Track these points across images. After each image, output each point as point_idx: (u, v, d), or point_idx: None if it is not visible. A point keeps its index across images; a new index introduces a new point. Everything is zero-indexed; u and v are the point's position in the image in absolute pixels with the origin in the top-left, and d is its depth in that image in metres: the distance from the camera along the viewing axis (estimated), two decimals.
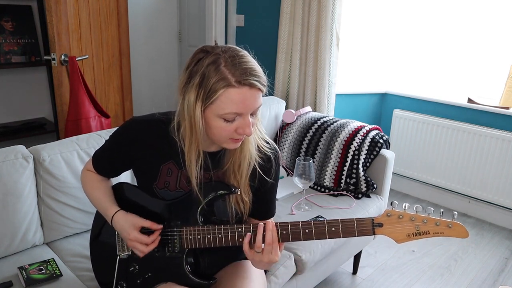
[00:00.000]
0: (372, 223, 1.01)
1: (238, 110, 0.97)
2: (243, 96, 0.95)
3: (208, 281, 1.13)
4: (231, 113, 0.97)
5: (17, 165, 1.41)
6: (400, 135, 3.04)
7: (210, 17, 3.09)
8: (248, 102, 0.97)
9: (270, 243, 1.03)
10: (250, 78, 0.95)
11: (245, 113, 0.98)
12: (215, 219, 1.17)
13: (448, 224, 0.97)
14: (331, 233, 1.02)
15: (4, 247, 1.42)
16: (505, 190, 2.63)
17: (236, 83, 0.94)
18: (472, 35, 2.82)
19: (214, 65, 0.95)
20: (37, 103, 2.85)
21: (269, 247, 1.03)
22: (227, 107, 0.96)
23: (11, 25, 2.57)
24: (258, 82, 0.97)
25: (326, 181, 2.08)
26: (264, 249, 1.03)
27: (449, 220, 0.98)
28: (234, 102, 0.95)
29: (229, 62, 0.95)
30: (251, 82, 0.95)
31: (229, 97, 0.95)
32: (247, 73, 0.95)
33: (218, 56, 0.96)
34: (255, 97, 0.98)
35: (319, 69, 2.58)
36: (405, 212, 1.00)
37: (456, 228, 0.97)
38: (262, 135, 1.16)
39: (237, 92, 0.95)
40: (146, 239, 1.08)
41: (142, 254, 1.10)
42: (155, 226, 1.10)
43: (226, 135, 1.01)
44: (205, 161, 1.12)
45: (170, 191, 1.15)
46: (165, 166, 1.13)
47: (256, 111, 1.02)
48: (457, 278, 2.18)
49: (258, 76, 0.97)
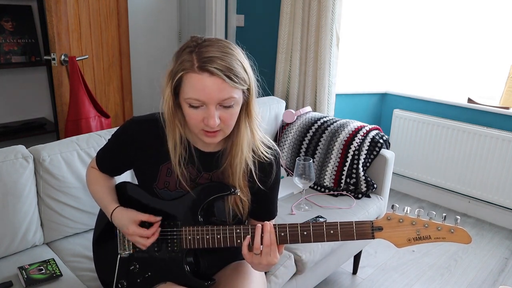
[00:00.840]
0: (372, 227, 0.99)
1: (199, 97, 0.95)
2: (202, 83, 0.94)
3: (207, 282, 1.13)
4: (193, 99, 0.96)
5: (17, 165, 1.41)
6: (400, 135, 3.04)
7: (210, 17, 3.09)
8: (209, 90, 0.94)
9: (268, 245, 1.02)
10: (211, 65, 0.93)
11: (208, 102, 0.96)
12: (215, 220, 1.17)
13: (450, 229, 0.94)
14: (330, 236, 1.01)
15: (4, 247, 1.42)
16: (505, 190, 2.63)
17: (197, 68, 0.94)
18: (472, 35, 2.82)
19: (186, 51, 0.97)
20: (37, 103, 2.85)
21: (267, 249, 1.03)
22: (189, 91, 0.96)
23: (11, 25, 2.57)
24: (221, 72, 0.93)
25: (326, 181, 2.08)
26: (263, 251, 1.03)
27: (451, 225, 0.95)
28: (195, 88, 0.95)
29: (202, 48, 0.96)
30: (210, 69, 0.93)
31: (190, 81, 0.95)
32: (212, 61, 0.94)
33: (195, 43, 0.97)
34: (218, 87, 0.94)
35: (319, 69, 2.58)
36: (406, 216, 0.97)
37: (458, 233, 0.94)
38: (262, 135, 1.15)
39: (197, 78, 0.94)
40: (145, 232, 1.08)
41: (144, 247, 1.10)
42: (153, 218, 1.11)
43: (195, 124, 1.00)
44: (203, 161, 1.12)
45: (170, 191, 1.15)
46: (165, 166, 1.13)
47: (227, 104, 0.98)
48: (457, 278, 2.18)
49: (227, 67, 0.94)
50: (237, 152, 1.09)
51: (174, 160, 1.09)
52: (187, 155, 1.11)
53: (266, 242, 1.02)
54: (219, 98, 0.96)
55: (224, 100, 0.97)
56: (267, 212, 1.24)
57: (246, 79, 1.00)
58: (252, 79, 1.03)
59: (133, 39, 2.91)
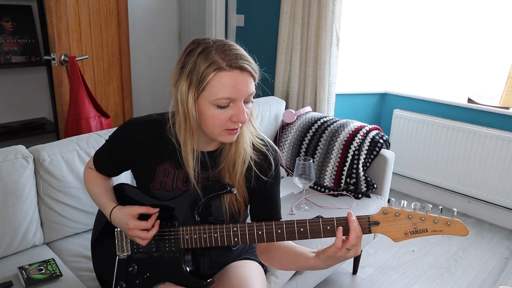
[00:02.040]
0: (368, 221, 0.98)
1: (231, 94, 0.96)
2: (234, 80, 0.95)
3: (205, 281, 1.13)
4: (224, 98, 0.96)
5: (17, 165, 1.41)
6: (400, 135, 3.04)
7: (210, 17, 3.09)
8: (240, 86, 0.96)
9: (360, 236, 0.97)
10: (240, 61, 0.96)
11: (238, 99, 0.97)
12: (213, 219, 1.17)
13: (447, 222, 0.93)
14: (326, 232, 1.00)
15: (4, 247, 1.42)
16: (505, 190, 2.63)
17: (227, 66, 0.95)
18: (472, 34, 2.82)
19: (204, 53, 0.96)
20: (37, 103, 2.85)
21: (359, 240, 0.98)
22: (220, 91, 0.96)
23: (11, 25, 2.57)
24: (249, 66, 0.97)
25: (326, 181, 2.08)
26: (355, 244, 0.98)
27: (448, 218, 0.94)
28: (226, 86, 0.95)
29: (219, 48, 0.96)
30: (241, 65, 0.95)
31: (221, 81, 0.95)
32: (238, 57, 0.96)
33: (208, 44, 0.98)
34: (247, 81, 0.97)
35: (319, 69, 2.58)
36: (402, 210, 0.96)
37: (455, 226, 0.93)
38: (256, 132, 1.15)
39: (228, 76, 0.95)
40: (144, 224, 1.07)
41: (145, 242, 1.08)
42: (151, 210, 1.10)
43: (220, 124, 1.00)
44: (202, 160, 1.11)
45: (167, 192, 1.15)
46: (162, 167, 1.13)
47: (249, 99, 1.01)
48: (457, 278, 2.18)
49: (249, 61, 0.98)
50: (240, 150, 1.09)
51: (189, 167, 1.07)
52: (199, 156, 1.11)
53: (359, 233, 0.97)
54: (248, 92, 0.98)
55: (250, 94, 0.99)
56: (269, 213, 1.22)
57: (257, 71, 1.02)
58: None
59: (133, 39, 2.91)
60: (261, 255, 1.23)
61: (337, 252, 0.98)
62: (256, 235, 1.05)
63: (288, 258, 1.15)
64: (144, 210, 1.10)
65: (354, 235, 0.96)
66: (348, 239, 0.96)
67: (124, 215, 1.10)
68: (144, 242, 1.09)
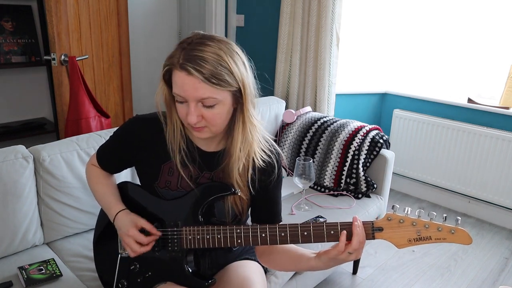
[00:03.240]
0: (372, 227, 0.98)
1: (180, 92, 0.98)
2: (181, 80, 0.96)
3: (207, 281, 1.13)
4: (177, 94, 0.99)
5: (17, 165, 1.41)
6: (400, 135, 3.04)
7: (210, 17, 3.09)
8: (186, 88, 0.96)
9: (363, 241, 0.98)
10: (189, 65, 0.93)
11: (187, 99, 0.98)
12: (216, 220, 1.17)
13: (451, 230, 0.94)
14: (330, 237, 1.00)
15: (4, 247, 1.42)
16: (505, 190, 2.63)
17: (178, 65, 0.96)
18: (472, 34, 2.82)
19: (180, 46, 0.98)
20: (37, 103, 2.85)
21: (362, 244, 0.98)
22: (174, 86, 0.99)
23: (11, 25, 2.57)
24: (199, 72, 0.93)
25: (326, 181, 2.08)
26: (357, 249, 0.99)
27: (452, 226, 0.94)
28: (176, 84, 0.98)
29: (190, 47, 0.96)
30: (188, 68, 0.94)
31: (174, 77, 0.98)
32: (192, 59, 0.94)
33: (191, 41, 0.98)
34: (195, 86, 0.95)
35: (319, 69, 2.58)
36: (406, 217, 0.96)
37: (459, 234, 0.93)
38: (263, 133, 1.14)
39: (177, 75, 0.97)
40: (142, 238, 1.08)
41: (133, 254, 1.09)
42: (154, 230, 1.10)
43: (183, 118, 1.03)
44: (204, 160, 1.12)
45: (172, 191, 1.15)
46: (166, 166, 1.13)
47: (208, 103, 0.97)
48: (457, 278, 2.18)
49: (204, 67, 0.93)
50: (232, 152, 1.09)
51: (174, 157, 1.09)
52: (189, 154, 1.11)
53: (362, 239, 0.98)
54: (197, 96, 0.97)
55: (203, 99, 0.97)
56: (269, 215, 1.22)
57: (231, 81, 0.97)
58: (247, 81, 1.01)
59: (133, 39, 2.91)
60: (260, 256, 1.24)
61: (338, 255, 0.98)
62: (259, 238, 1.05)
63: (289, 260, 1.15)
64: (149, 228, 1.10)
65: (356, 240, 0.97)
66: (351, 243, 0.97)
67: (129, 222, 1.10)
68: (132, 254, 1.09)
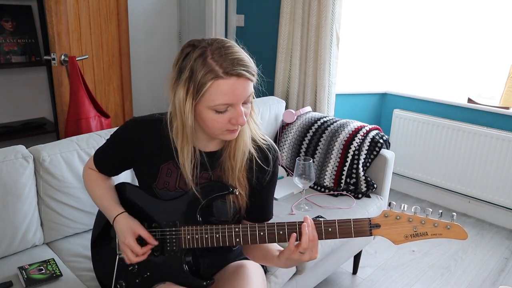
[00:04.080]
0: (369, 224, 1.00)
1: (229, 100, 0.97)
2: (232, 87, 0.96)
3: (206, 281, 1.13)
4: (222, 104, 0.98)
5: (17, 165, 1.41)
6: (400, 135, 3.04)
7: (210, 17, 3.09)
8: (238, 92, 0.97)
9: (313, 240, 1.01)
10: (237, 68, 0.95)
11: (236, 103, 0.99)
12: (214, 220, 1.17)
13: (447, 226, 0.96)
14: (328, 234, 1.02)
15: (4, 247, 1.42)
16: (505, 190, 2.63)
17: (224, 74, 0.95)
18: (472, 34, 2.82)
19: (201, 58, 0.96)
20: (37, 103, 2.85)
21: (312, 244, 1.01)
22: (217, 98, 0.97)
23: (11, 25, 2.57)
24: (246, 71, 0.97)
25: (326, 181, 2.08)
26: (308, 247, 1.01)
27: (447, 221, 0.96)
28: (224, 93, 0.96)
29: (216, 53, 0.96)
30: (238, 72, 0.95)
31: (218, 88, 0.96)
32: (234, 63, 0.96)
33: (205, 49, 0.97)
34: (244, 86, 0.98)
35: (319, 69, 2.58)
36: (403, 213, 0.99)
37: (454, 230, 0.96)
38: (259, 130, 1.16)
39: (226, 83, 0.95)
40: (138, 249, 1.09)
41: (128, 262, 1.12)
42: (151, 240, 1.11)
43: (220, 126, 1.02)
44: (203, 160, 1.12)
45: (170, 191, 1.15)
46: (165, 167, 1.13)
47: (248, 100, 1.02)
48: (457, 278, 2.18)
49: (246, 65, 0.98)
50: (230, 151, 1.11)
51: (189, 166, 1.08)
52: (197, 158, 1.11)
53: (311, 237, 1.01)
54: (245, 96, 0.99)
55: (248, 96, 1.01)
56: (261, 211, 1.22)
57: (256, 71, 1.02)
58: None
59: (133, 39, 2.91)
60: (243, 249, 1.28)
61: (291, 255, 1.02)
62: (258, 236, 1.06)
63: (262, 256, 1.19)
64: (146, 237, 1.11)
65: (305, 239, 0.99)
66: (300, 243, 1.00)
67: (127, 228, 1.11)
68: (128, 261, 1.12)
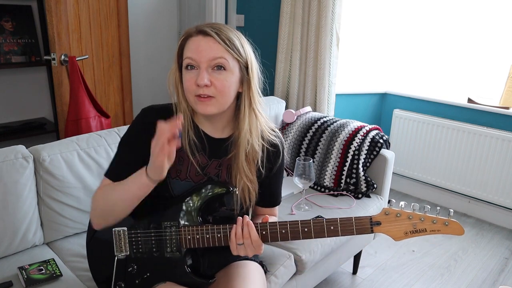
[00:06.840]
0: (370, 222, 1.03)
1: (192, 55, 1.03)
2: (197, 43, 1.04)
3: (207, 281, 1.13)
4: (187, 58, 1.04)
5: (17, 165, 1.41)
6: (400, 135, 3.04)
7: (210, 17, 3.09)
8: (201, 49, 1.03)
9: (247, 237, 1.06)
10: (206, 28, 1.04)
11: (199, 60, 1.03)
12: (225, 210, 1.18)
13: (445, 222, 0.99)
14: (330, 232, 1.04)
15: (4, 247, 1.42)
16: (505, 190, 2.63)
17: (194, 32, 1.05)
18: (472, 35, 2.82)
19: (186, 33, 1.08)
20: (37, 103, 2.85)
21: (247, 241, 1.06)
22: (186, 53, 1.06)
23: (11, 25, 2.57)
24: (215, 33, 1.03)
25: (326, 181, 2.08)
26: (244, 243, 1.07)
27: (445, 218, 0.99)
28: (190, 49, 1.05)
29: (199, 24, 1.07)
30: (205, 30, 1.03)
31: (188, 45, 1.06)
32: (206, 25, 1.05)
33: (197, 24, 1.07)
34: (210, 45, 1.03)
35: (319, 69, 2.58)
36: (402, 210, 1.02)
37: (452, 226, 0.99)
38: (267, 122, 1.21)
39: (193, 40, 1.05)
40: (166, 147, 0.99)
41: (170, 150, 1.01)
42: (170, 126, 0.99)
43: (190, 87, 1.05)
44: (216, 147, 1.15)
45: (181, 181, 1.16)
46: (177, 154, 1.12)
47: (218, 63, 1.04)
48: (457, 278, 2.18)
49: (218, 28, 1.04)
50: (239, 139, 1.12)
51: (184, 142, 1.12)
52: (197, 141, 1.14)
53: (245, 235, 1.06)
54: (210, 56, 1.03)
55: (215, 59, 1.03)
56: (271, 198, 1.29)
57: (242, 52, 1.07)
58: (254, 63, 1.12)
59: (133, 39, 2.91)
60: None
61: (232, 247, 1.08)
62: (260, 235, 1.07)
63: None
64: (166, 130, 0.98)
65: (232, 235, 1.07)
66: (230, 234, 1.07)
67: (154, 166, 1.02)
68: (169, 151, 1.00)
